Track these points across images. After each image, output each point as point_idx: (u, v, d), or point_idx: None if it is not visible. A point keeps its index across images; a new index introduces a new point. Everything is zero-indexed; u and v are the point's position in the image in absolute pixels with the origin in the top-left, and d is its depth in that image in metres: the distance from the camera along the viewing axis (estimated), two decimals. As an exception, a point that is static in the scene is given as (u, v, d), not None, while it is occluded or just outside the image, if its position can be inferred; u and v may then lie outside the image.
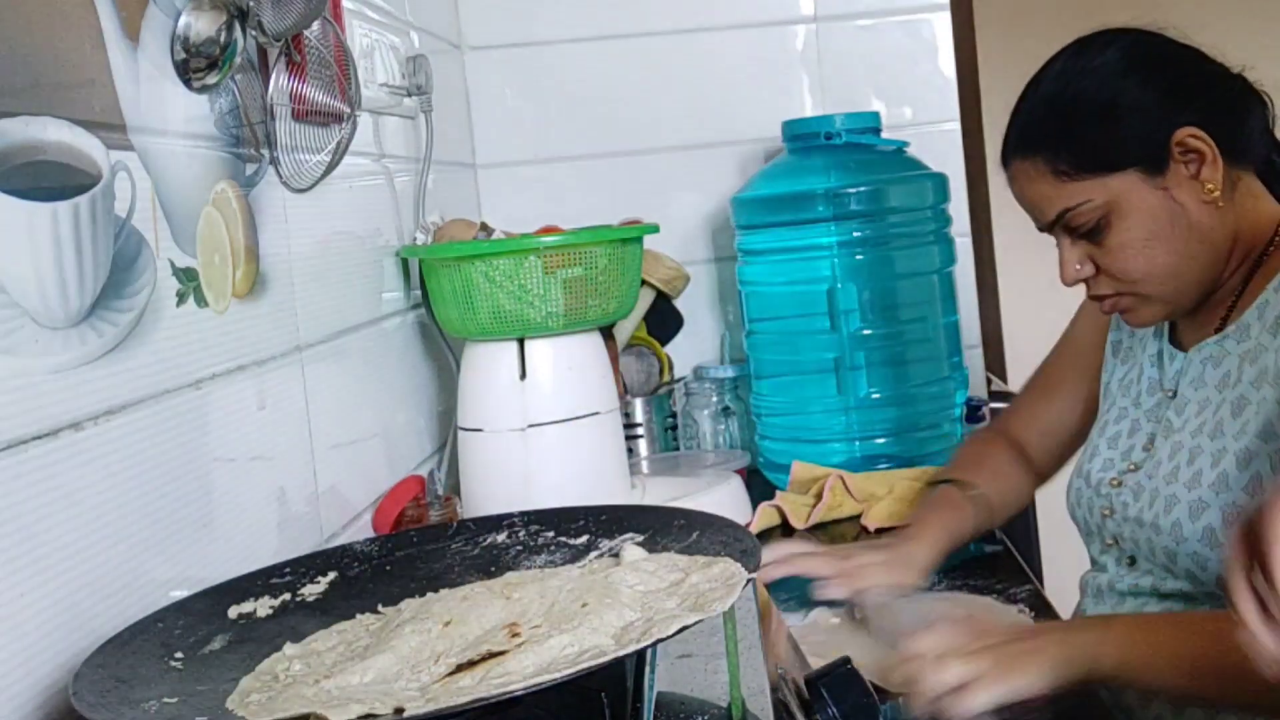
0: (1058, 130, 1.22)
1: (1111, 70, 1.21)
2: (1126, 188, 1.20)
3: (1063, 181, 1.21)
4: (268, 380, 1.17)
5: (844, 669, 0.84)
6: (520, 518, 1.01)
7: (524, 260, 1.43)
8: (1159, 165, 1.19)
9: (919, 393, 1.83)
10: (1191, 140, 1.18)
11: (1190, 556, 1.18)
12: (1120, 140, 1.20)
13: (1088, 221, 1.21)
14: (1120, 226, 1.20)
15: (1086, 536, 1.36)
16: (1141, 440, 1.29)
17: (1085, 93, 1.21)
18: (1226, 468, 1.16)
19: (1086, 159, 1.20)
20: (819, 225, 1.80)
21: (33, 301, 0.82)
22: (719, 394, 1.97)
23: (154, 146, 0.99)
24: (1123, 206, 1.20)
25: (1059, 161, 1.21)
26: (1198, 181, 1.19)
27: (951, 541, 1.40)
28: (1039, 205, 1.25)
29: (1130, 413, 1.33)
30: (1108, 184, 1.20)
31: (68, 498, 0.83)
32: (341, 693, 0.73)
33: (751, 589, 0.89)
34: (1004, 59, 2.95)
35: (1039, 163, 1.23)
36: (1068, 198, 1.22)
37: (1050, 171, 1.22)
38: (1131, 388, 1.34)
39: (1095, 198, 1.20)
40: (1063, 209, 1.22)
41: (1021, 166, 1.25)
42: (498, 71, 2.13)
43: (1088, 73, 1.22)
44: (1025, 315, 3.06)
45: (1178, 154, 1.19)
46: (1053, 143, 1.22)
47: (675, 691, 0.77)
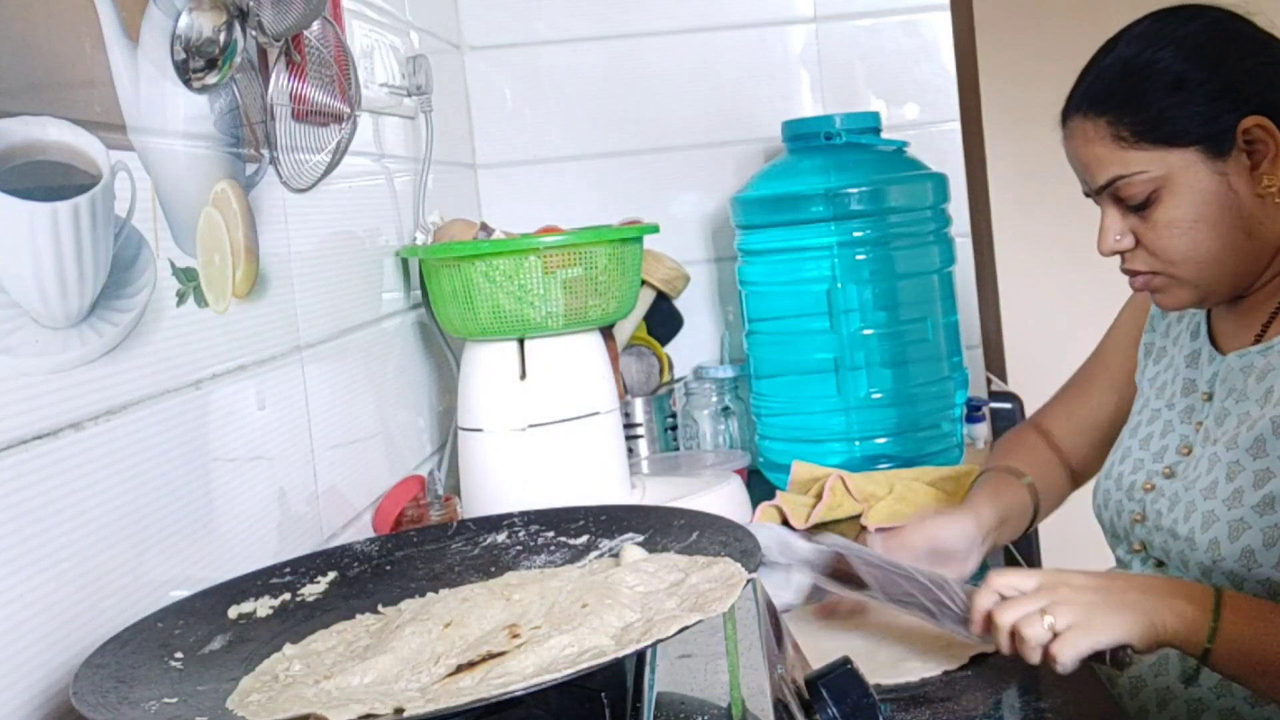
0: (1125, 94, 1.19)
1: (1193, 43, 1.18)
2: (1184, 165, 1.17)
3: (1121, 147, 1.19)
4: (268, 380, 1.17)
5: (844, 669, 0.84)
6: (520, 518, 1.01)
7: (524, 260, 1.43)
8: (1221, 149, 1.17)
9: (919, 393, 1.83)
10: (1259, 130, 1.16)
11: (1225, 575, 1.15)
12: (1187, 115, 1.17)
13: (1138, 193, 1.19)
14: (1170, 203, 1.18)
15: (1112, 538, 1.33)
16: (1175, 442, 1.27)
17: (1161, 61, 1.18)
18: (1274, 490, 1.13)
19: (1149, 128, 1.17)
20: (819, 225, 1.80)
21: (33, 301, 0.82)
22: (719, 394, 1.97)
23: (154, 146, 0.99)
24: (1176, 183, 1.17)
25: (1121, 126, 1.18)
26: (1256, 173, 1.17)
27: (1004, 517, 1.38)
28: (1091, 168, 1.22)
29: (1164, 414, 1.30)
30: (1166, 158, 1.17)
31: (68, 498, 0.83)
32: (341, 693, 0.73)
33: (752, 589, 0.89)
34: (1004, 59, 2.95)
35: (1101, 124, 1.20)
36: (1123, 165, 1.19)
37: (1110, 135, 1.19)
38: (1166, 389, 1.31)
39: (1151, 169, 1.18)
40: (1115, 175, 1.19)
41: (1081, 125, 1.22)
42: (498, 71, 2.13)
43: (1168, 41, 1.19)
44: (1025, 315, 3.06)
45: (1242, 141, 1.16)
46: (1118, 105, 1.19)
47: (675, 691, 0.77)
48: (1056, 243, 3.06)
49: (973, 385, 2.01)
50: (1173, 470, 1.25)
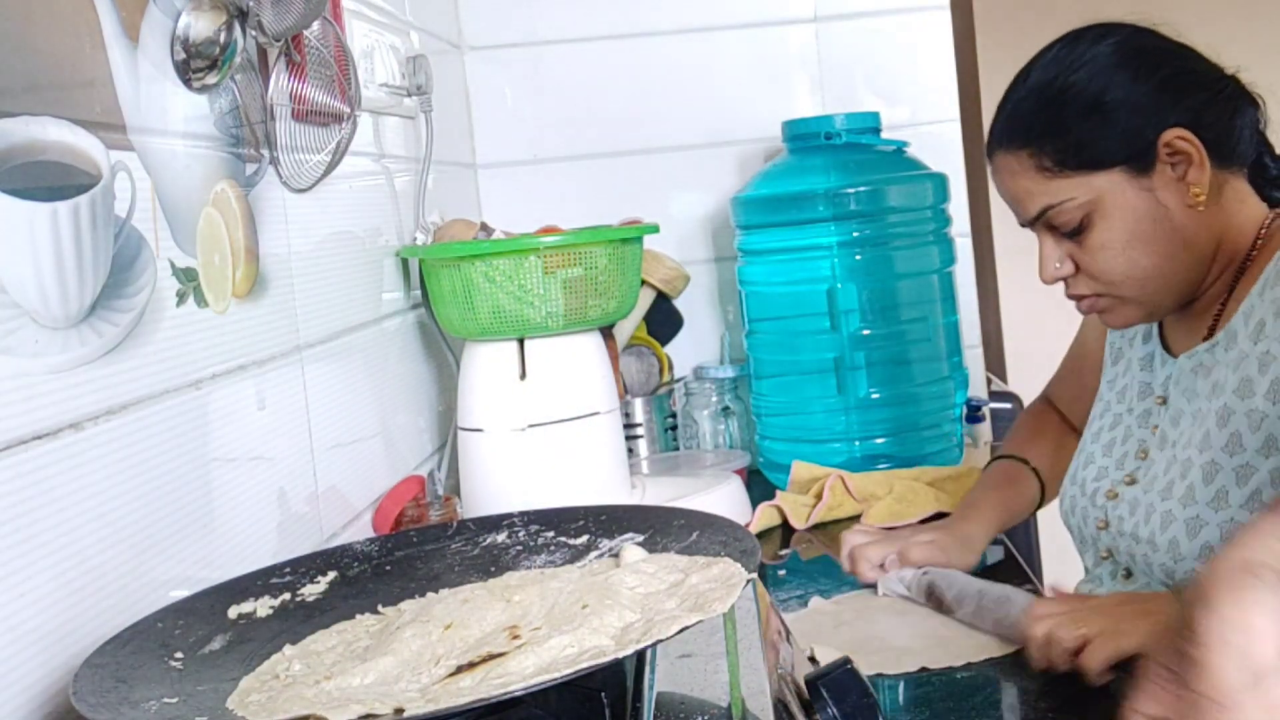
0: (1044, 124, 1.20)
1: (1103, 64, 1.19)
2: (1110, 187, 1.18)
3: (1046, 178, 1.19)
4: (268, 380, 1.17)
5: (844, 669, 0.84)
6: (520, 518, 1.01)
7: (524, 260, 1.43)
8: (1145, 165, 1.17)
9: (919, 393, 1.83)
10: (1179, 142, 1.17)
11: (1189, 575, 1.16)
12: (1107, 138, 1.18)
13: (1070, 220, 1.19)
14: (1102, 226, 1.19)
15: (1080, 545, 1.35)
16: (1134, 448, 1.28)
17: (1074, 86, 1.19)
18: (1224, 484, 1.15)
19: (1071, 155, 1.18)
20: (819, 225, 1.80)
21: (33, 301, 0.82)
22: (719, 394, 1.97)
23: (154, 146, 0.99)
24: (1106, 206, 1.18)
25: (1043, 157, 1.19)
26: (1184, 184, 1.18)
27: (1007, 518, 1.43)
28: (1021, 200, 1.23)
29: (1124, 418, 1.31)
30: (1092, 182, 1.18)
31: (68, 498, 0.83)
32: (341, 694, 0.73)
33: (752, 589, 0.89)
34: (1004, 59, 2.95)
35: (1023, 157, 1.21)
36: (1051, 194, 1.20)
37: (1034, 167, 1.20)
38: (1125, 392, 1.33)
39: (1079, 195, 1.18)
40: (1045, 205, 1.20)
41: (1005, 160, 1.23)
42: (498, 71, 2.13)
43: (1078, 65, 1.20)
44: (1025, 315, 3.06)
45: (1165, 155, 1.17)
46: (1038, 137, 1.20)
47: (675, 691, 0.77)
48: (1056, 243, 3.05)
49: (973, 385, 2.01)
50: (1134, 477, 1.26)
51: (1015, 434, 1.57)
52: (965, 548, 1.37)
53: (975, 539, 1.39)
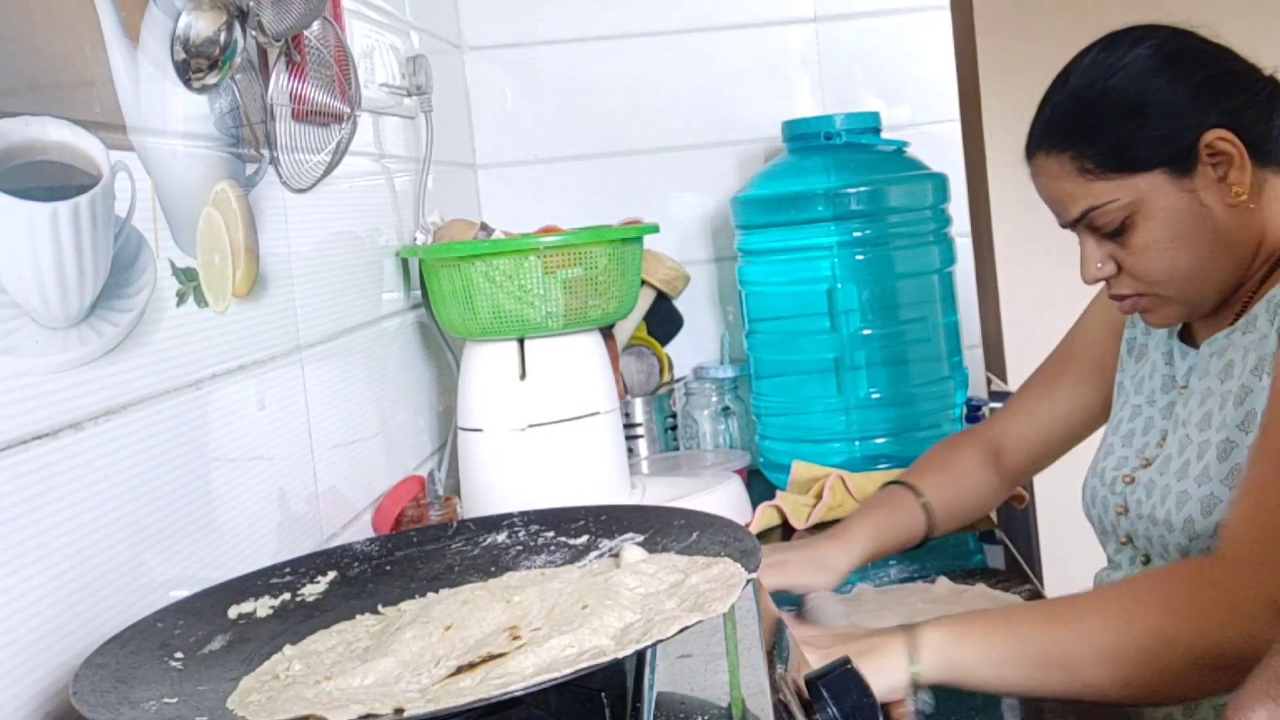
0: (1084, 127, 1.20)
1: (1142, 67, 1.19)
2: (1152, 188, 1.18)
3: (1088, 180, 1.20)
4: (268, 380, 1.17)
5: (844, 669, 0.84)
6: (520, 518, 1.01)
7: (524, 260, 1.43)
8: (1186, 167, 1.18)
9: (919, 393, 1.83)
10: (1220, 143, 1.17)
11: (1204, 553, 1.16)
12: (1148, 140, 1.18)
13: (1112, 221, 1.20)
14: (1145, 227, 1.19)
15: (1101, 535, 1.35)
16: (1155, 437, 1.28)
17: (1114, 89, 1.19)
18: (1239, 460, 1.15)
19: (1112, 158, 1.18)
20: (819, 225, 1.81)
21: (33, 301, 0.82)
22: (719, 394, 1.97)
23: (154, 146, 0.99)
24: (1148, 207, 1.18)
25: (1084, 160, 1.19)
26: (1225, 184, 1.18)
27: (879, 545, 1.40)
28: (1062, 202, 1.23)
29: (1145, 410, 1.31)
30: (1134, 184, 1.18)
31: (68, 498, 0.83)
32: (342, 694, 0.73)
33: (752, 589, 0.89)
34: (1004, 59, 2.95)
35: (1064, 160, 1.21)
36: (1092, 197, 1.20)
37: (1075, 170, 1.20)
38: (1144, 385, 1.33)
39: (1120, 197, 1.19)
40: (1087, 208, 1.20)
41: (1045, 163, 1.23)
42: (498, 71, 2.13)
43: (1118, 69, 1.20)
44: (1025, 315, 3.06)
45: (1206, 156, 1.17)
46: (1079, 140, 1.20)
47: (675, 691, 0.77)
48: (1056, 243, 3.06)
49: (973, 385, 2.01)
50: (1150, 461, 1.27)
51: (922, 461, 1.53)
52: (818, 569, 1.35)
53: (834, 560, 1.36)
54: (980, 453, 1.49)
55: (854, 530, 1.40)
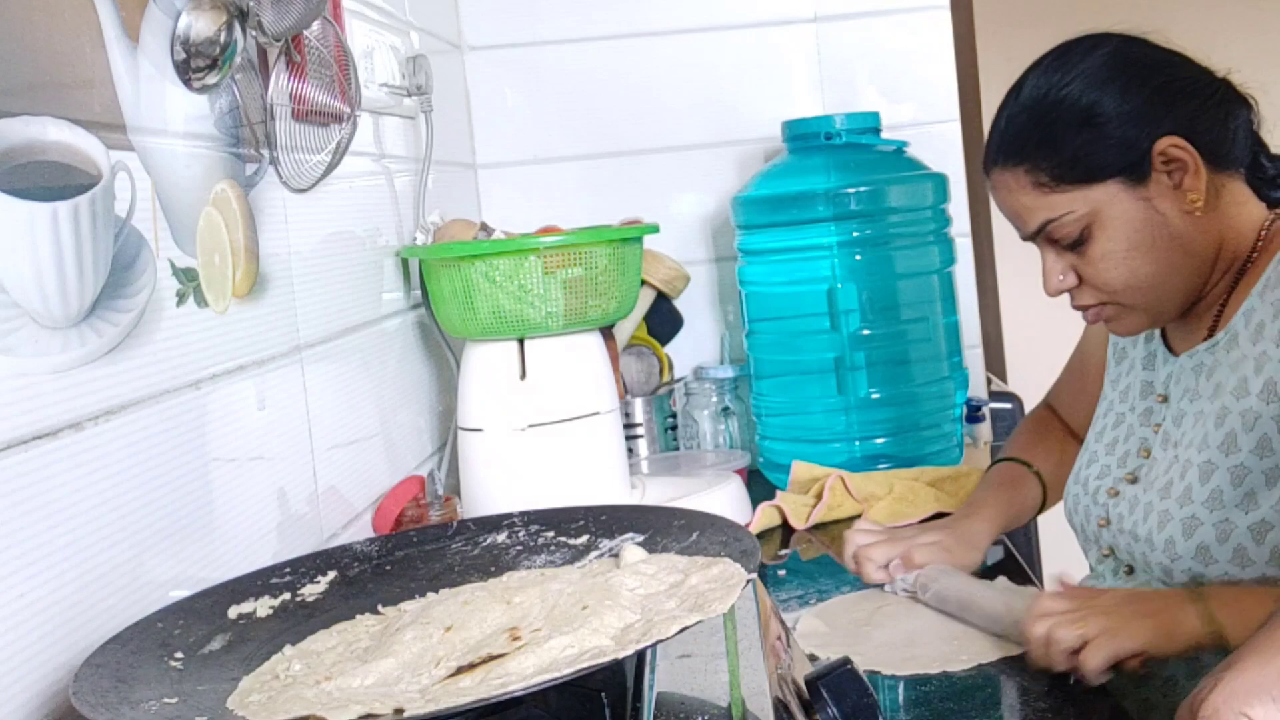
0: (1038, 139, 1.20)
1: (1093, 77, 1.20)
2: (1108, 198, 1.18)
3: (1044, 193, 1.20)
4: (268, 380, 1.17)
5: (844, 669, 0.84)
6: (520, 518, 1.01)
7: (524, 260, 1.43)
8: (1141, 175, 1.18)
9: (919, 393, 1.83)
10: (1173, 150, 1.17)
11: (1185, 573, 1.17)
12: (1101, 150, 1.18)
13: (1070, 233, 1.20)
14: (1102, 237, 1.19)
15: (1084, 543, 1.35)
16: (1135, 446, 1.29)
17: (1066, 100, 1.20)
18: (1220, 483, 1.15)
19: (1067, 170, 1.19)
20: (819, 225, 1.80)
21: (33, 301, 0.82)
22: (719, 394, 1.97)
23: (154, 146, 0.99)
24: (1104, 217, 1.19)
25: (1039, 173, 1.20)
26: (1180, 191, 1.18)
27: (1010, 518, 1.44)
28: (1020, 216, 1.24)
29: (1126, 417, 1.32)
30: (1089, 195, 1.19)
31: (68, 498, 0.83)
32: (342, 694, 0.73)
33: (752, 589, 0.89)
34: (1004, 59, 2.95)
35: (1020, 174, 1.21)
36: (1049, 209, 1.20)
37: (1031, 183, 1.21)
38: (1129, 391, 1.33)
39: (1077, 209, 1.19)
40: (1044, 220, 1.21)
41: (1002, 177, 1.24)
42: (498, 71, 2.13)
43: (1069, 79, 1.20)
44: (1025, 315, 3.07)
45: (1160, 164, 1.18)
46: (1033, 153, 1.20)
47: (675, 691, 0.77)
48: (1056, 243, 3.06)
49: (973, 385, 2.01)
50: (1135, 475, 1.27)
51: (1017, 438, 1.57)
52: (969, 546, 1.37)
53: (979, 537, 1.39)
54: (1061, 426, 1.53)
55: (985, 507, 1.43)
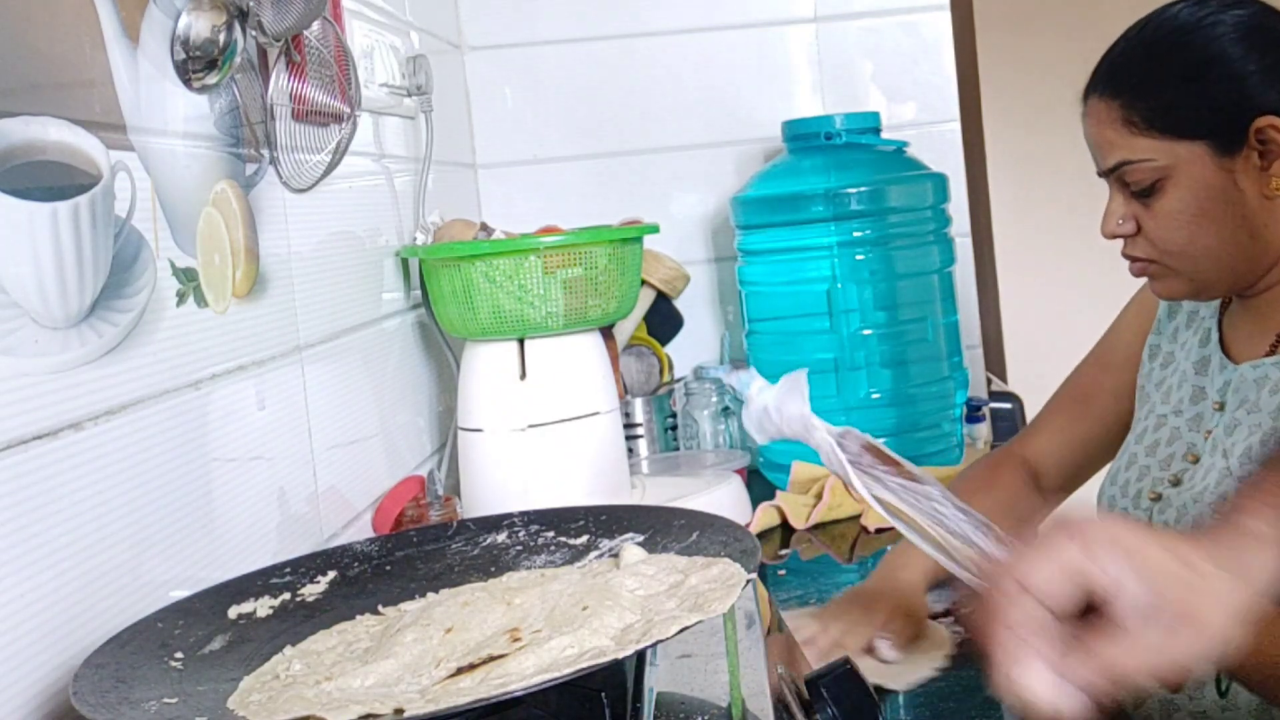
0: (1143, 79, 1.17)
1: (1219, 33, 1.16)
2: (1190, 157, 1.15)
3: (1131, 133, 1.17)
4: (268, 380, 1.17)
5: (844, 669, 0.84)
6: (520, 518, 1.01)
7: (524, 260, 1.43)
8: (1231, 145, 1.14)
9: (919, 393, 1.83)
10: (1271, 130, 1.13)
11: None
12: (1200, 108, 1.15)
13: (1142, 180, 1.17)
14: (1173, 194, 1.16)
15: None
16: (1181, 450, 1.24)
17: (1185, 47, 1.16)
18: None
19: (1160, 117, 1.15)
20: (819, 225, 1.80)
21: (33, 301, 0.82)
22: (719, 394, 1.97)
23: (154, 146, 0.99)
24: (1181, 175, 1.15)
25: (1133, 111, 1.17)
26: (1266, 174, 1.14)
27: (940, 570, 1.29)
28: (1102, 149, 1.20)
29: (1170, 420, 1.27)
30: (1173, 148, 1.15)
31: (68, 498, 0.83)
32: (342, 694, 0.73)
33: (752, 589, 0.89)
34: (1004, 59, 2.95)
35: (1115, 106, 1.18)
36: (1131, 150, 1.17)
37: (1121, 119, 1.17)
38: (1172, 394, 1.28)
39: (1157, 158, 1.16)
40: (1122, 160, 1.18)
41: (1097, 105, 1.20)
42: (498, 71, 2.13)
43: (1196, 28, 1.17)
44: (1025, 315, 3.06)
45: (1254, 140, 1.14)
46: (1133, 90, 1.17)
47: (675, 691, 0.77)
48: (1056, 243, 3.07)
49: (973, 385, 2.01)
50: (1179, 479, 1.23)
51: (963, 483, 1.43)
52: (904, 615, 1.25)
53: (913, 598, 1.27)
54: (1021, 475, 1.42)
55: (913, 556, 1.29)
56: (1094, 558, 0.69)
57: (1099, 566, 0.69)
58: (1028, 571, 0.69)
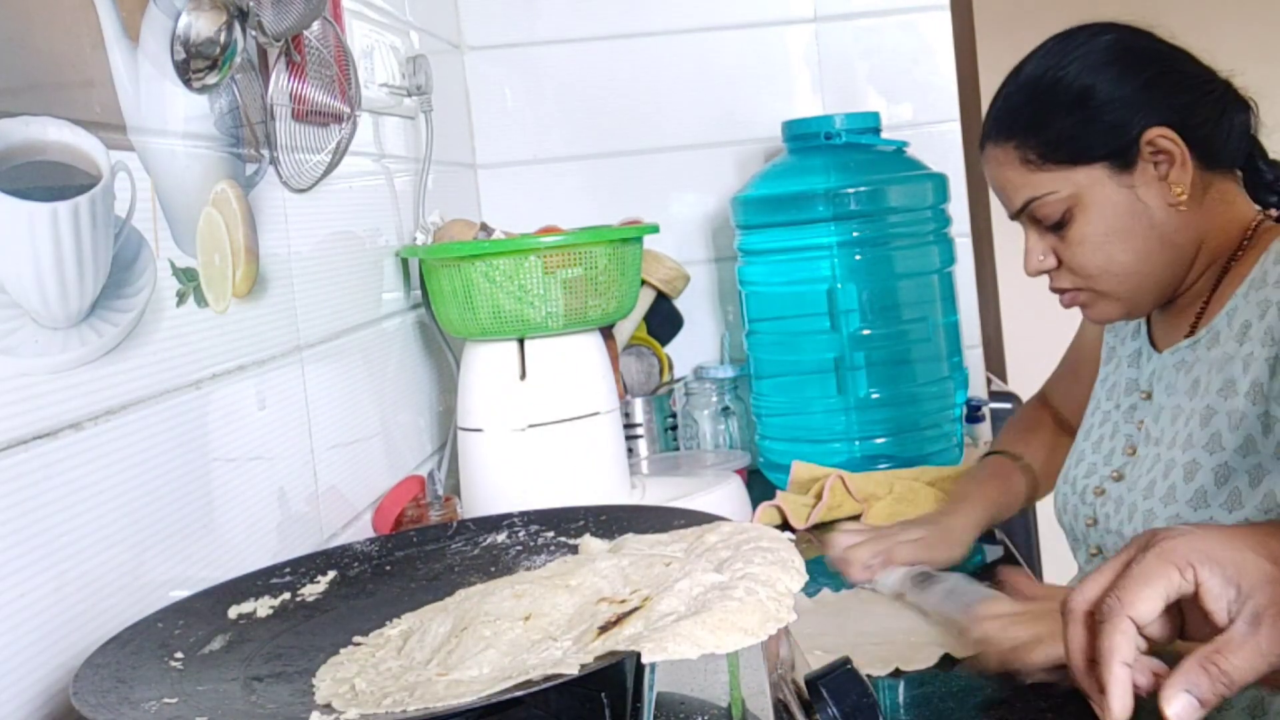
0: (1030, 117, 1.21)
1: (1093, 60, 1.20)
2: (1092, 182, 1.19)
3: (1030, 170, 1.21)
4: (268, 380, 1.17)
5: (844, 669, 0.84)
6: (520, 518, 1.01)
7: (524, 260, 1.43)
8: (1127, 162, 1.19)
9: (919, 393, 1.83)
10: (1162, 140, 1.17)
11: None
12: (1090, 133, 1.19)
13: (1052, 213, 1.21)
14: (1082, 220, 1.20)
15: (1072, 542, 1.35)
16: (1121, 444, 1.29)
17: (1062, 80, 1.21)
18: (1203, 483, 1.15)
19: (1054, 149, 1.20)
20: (819, 225, 1.80)
21: (33, 301, 0.82)
22: (719, 394, 1.97)
23: (154, 146, 0.99)
24: (1086, 201, 1.19)
25: (1028, 150, 1.21)
26: (1165, 183, 1.18)
27: (995, 513, 1.43)
28: (1006, 192, 1.25)
29: (1112, 415, 1.32)
30: (1073, 176, 1.19)
31: (68, 498, 0.83)
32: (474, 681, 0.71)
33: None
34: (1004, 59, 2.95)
35: (1009, 149, 1.22)
36: (1034, 187, 1.21)
37: (1019, 159, 1.22)
38: (1115, 390, 1.34)
39: (1060, 189, 1.20)
40: (1028, 198, 1.22)
41: (994, 152, 1.25)
42: (498, 71, 2.13)
43: (1069, 60, 1.21)
44: (1025, 315, 3.06)
45: (1147, 153, 1.18)
46: (1024, 130, 1.21)
47: (675, 691, 0.77)
48: (1056, 243, 3.06)
49: (973, 385, 2.01)
50: (1121, 473, 1.27)
51: (1008, 430, 1.58)
52: (951, 542, 1.37)
53: (960, 533, 1.39)
54: (1054, 419, 1.53)
55: (968, 502, 1.42)
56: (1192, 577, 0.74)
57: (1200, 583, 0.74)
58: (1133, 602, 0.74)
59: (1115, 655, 0.73)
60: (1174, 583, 0.74)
